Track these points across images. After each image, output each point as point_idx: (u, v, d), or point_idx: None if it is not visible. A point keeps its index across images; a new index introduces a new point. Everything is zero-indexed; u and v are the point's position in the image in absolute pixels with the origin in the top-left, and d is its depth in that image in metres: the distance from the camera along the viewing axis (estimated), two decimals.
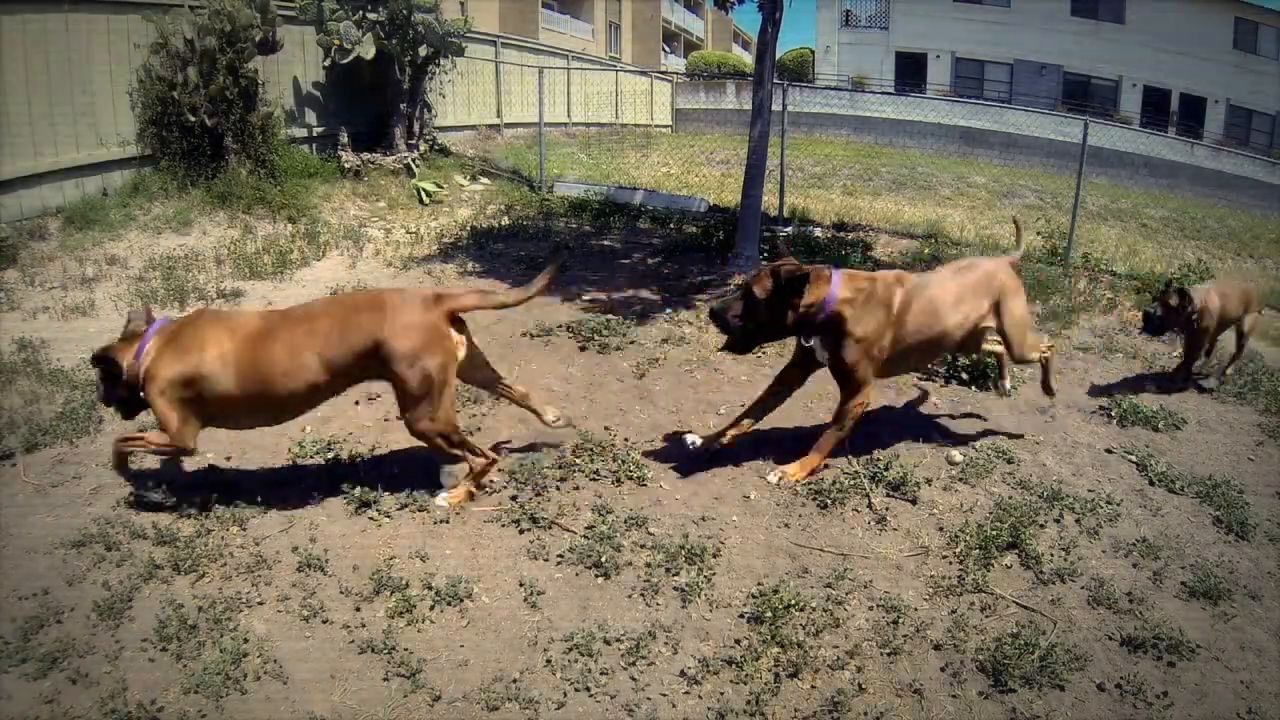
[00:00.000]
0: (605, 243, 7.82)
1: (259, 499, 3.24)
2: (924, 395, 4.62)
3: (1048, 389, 4.35)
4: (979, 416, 4.43)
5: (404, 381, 3.07)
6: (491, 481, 3.43)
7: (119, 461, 3.22)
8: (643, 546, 3.09)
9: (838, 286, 3.48)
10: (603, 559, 2.96)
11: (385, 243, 7.21)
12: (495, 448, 3.62)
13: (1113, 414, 4.53)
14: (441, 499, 3.30)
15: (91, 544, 2.92)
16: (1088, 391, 4.89)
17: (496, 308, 3.37)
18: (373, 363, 3.08)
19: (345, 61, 8.54)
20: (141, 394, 3.07)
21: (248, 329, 3.09)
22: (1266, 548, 3.39)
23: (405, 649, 2.55)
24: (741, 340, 3.58)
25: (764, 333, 3.57)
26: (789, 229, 8.60)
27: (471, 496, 3.33)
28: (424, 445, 3.26)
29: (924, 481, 3.65)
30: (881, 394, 4.61)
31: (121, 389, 3.10)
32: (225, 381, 3.01)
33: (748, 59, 33.18)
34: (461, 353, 3.23)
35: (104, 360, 3.09)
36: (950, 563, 3.13)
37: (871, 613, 2.83)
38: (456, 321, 3.21)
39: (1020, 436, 4.20)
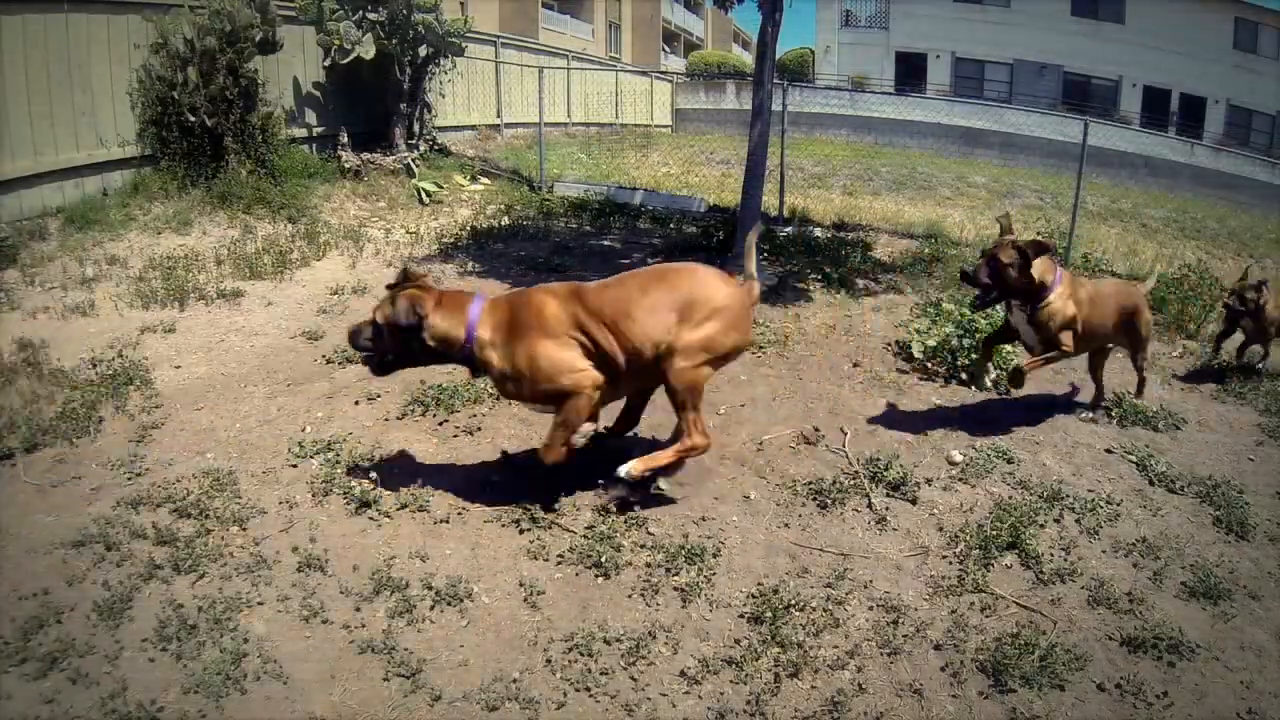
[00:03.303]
0: (605, 243, 7.81)
1: (259, 499, 3.24)
2: (925, 395, 4.62)
3: None
4: (979, 416, 4.43)
5: (704, 345, 3.07)
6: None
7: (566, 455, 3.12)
8: (643, 546, 3.09)
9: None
10: (603, 559, 2.96)
11: (385, 243, 7.21)
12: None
13: (1113, 414, 4.53)
14: (625, 470, 3.20)
15: (91, 544, 2.91)
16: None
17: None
18: (685, 328, 3.05)
19: (345, 61, 8.54)
20: (479, 367, 3.02)
21: (594, 300, 3.05)
22: (1266, 548, 3.39)
23: (405, 649, 2.55)
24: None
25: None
26: (789, 229, 8.60)
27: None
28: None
29: (924, 481, 3.65)
30: (882, 394, 4.61)
31: (410, 343, 2.95)
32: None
33: (747, 59, 33.17)
34: None
35: (414, 311, 2.89)
36: (950, 563, 3.13)
37: (871, 613, 2.83)
38: None
39: (1020, 436, 4.20)
